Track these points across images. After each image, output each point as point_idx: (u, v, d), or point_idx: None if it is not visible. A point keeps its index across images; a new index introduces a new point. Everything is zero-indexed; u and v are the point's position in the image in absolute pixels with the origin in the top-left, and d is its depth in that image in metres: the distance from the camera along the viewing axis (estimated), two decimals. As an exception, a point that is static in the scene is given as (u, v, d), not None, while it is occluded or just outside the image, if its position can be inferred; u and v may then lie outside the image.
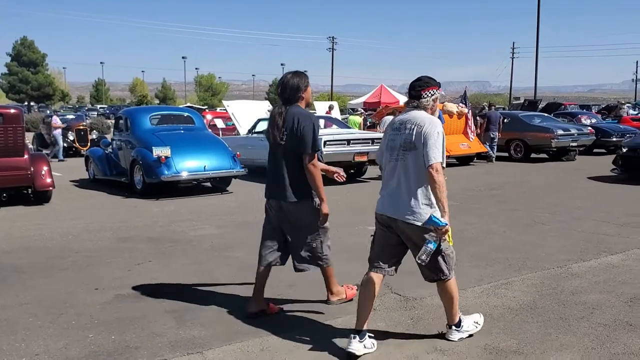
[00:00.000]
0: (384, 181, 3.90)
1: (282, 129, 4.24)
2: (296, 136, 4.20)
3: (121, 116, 12.20)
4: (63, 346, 3.85)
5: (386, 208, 3.81)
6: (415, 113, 3.77)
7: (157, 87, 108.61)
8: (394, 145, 3.79)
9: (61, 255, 6.28)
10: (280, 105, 4.35)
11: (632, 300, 4.65)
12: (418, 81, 3.81)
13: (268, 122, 4.42)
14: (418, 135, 3.64)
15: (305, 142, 4.19)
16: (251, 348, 3.80)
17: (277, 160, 4.37)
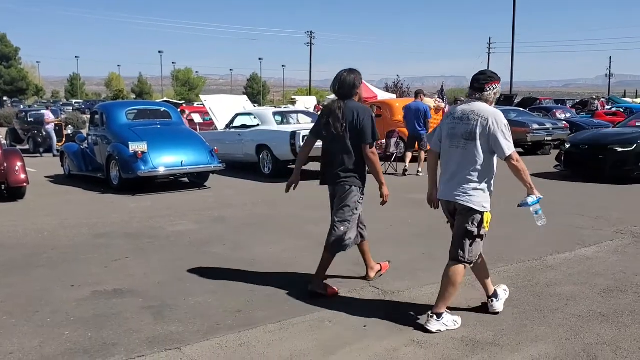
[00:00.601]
0: (442, 167, 4.18)
1: (341, 121, 4.61)
2: (356, 128, 4.59)
3: (97, 111, 12.04)
4: (38, 344, 3.80)
5: (446, 192, 4.10)
6: (479, 105, 3.99)
7: (134, 82, 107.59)
8: (454, 133, 4.03)
9: (36, 252, 6.19)
10: (338, 100, 4.71)
11: (605, 291, 4.74)
12: (482, 75, 4.06)
13: (326, 115, 4.76)
14: (482, 128, 3.88)
15: (365, 133, 4.60)
16: (230, 343, 3.79)
17: (334, 150, 4.73)
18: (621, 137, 11.36)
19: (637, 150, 10.82)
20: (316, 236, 6.83)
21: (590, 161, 11.33)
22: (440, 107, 15.98)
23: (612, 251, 6.03)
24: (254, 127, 13.18)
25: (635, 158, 10.82)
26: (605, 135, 12.01)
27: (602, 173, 10.99)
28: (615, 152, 10.96)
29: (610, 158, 10.99)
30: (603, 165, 11.05)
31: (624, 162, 10.87)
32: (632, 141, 11.05)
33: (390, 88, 43.95)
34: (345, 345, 3.75)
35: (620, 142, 11.09)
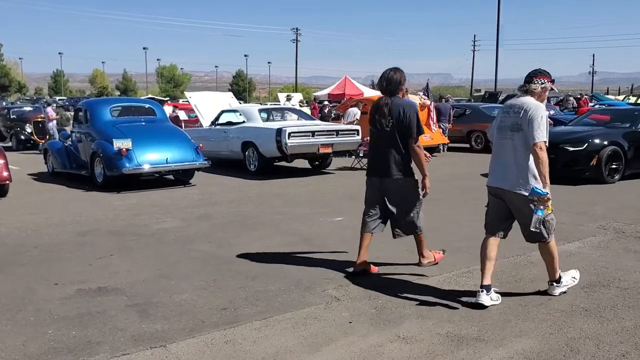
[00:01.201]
0: (493, 157, 4.56)
1: (388, 117, 4.94)
2: (402, 123, 4.92)
3: (81, 108, 11.94)
4: (21, 343, 3.77)
5: (497, 181, 4.47)
6: (524, 98, 4.37)
7: (118, 79, 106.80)
8: (503, 125, 4.41)
9: (19, 251, 6.13)
10: (384, 97, 5.04)
11: (588, 286, 4.79)
12: (534, 70, 4.46)
13: (374, 111, 5.09)
14: (524, 118, 4.24)
15: (411, 128, 4.94)
16: (215, 341, 3.79)
17: (382, 144, 5.05)
18: (572, 136, 11.01)
19: (589, 150, 10.49)
20: (302, 232, 6.84)
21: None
22: (426, 105, 16.04)
23: (594, 247, 6.10)
24: (240, 124, 13.15)
25: (587, 157, 10.46)
26: (557, 134, 11.24)
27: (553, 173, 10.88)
28: (567, 151, 10.51)
29: (562, 158, 10.45)
30: (554, 165, 10.76)
31: (575, 162, 10.50)
32: (583, 140, 10.72)
33: (376, 85, 44.07)
34: (331, 341, 3.76)
35: (571, 142, 10.71)
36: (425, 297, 4.58)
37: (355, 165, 13.32)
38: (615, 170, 10.59)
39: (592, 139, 10.68)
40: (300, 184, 11.07)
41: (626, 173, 10.76)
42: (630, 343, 3.67)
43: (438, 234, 6.72)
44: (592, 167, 10.41)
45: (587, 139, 10.69)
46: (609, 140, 10.68)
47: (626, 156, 10.69)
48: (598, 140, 10.66)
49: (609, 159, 10.48)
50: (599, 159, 10.36)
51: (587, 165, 10.43)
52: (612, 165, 10.54)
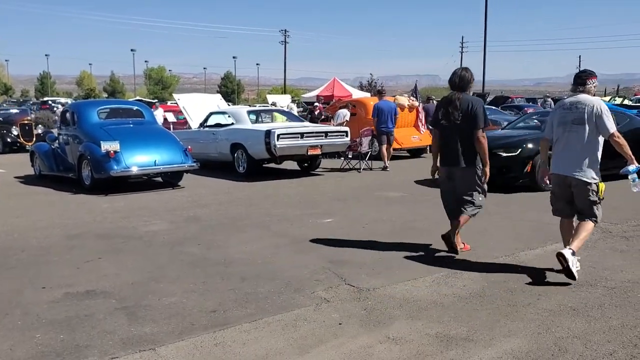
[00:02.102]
0: (556, 148, 5.21)
1: (458, 110, 5.57)
2: (470, 116, 5.55)
3: (68, 110, 11.86)
4: (8, 347, 3.74)
5: (560, 169, 5.14)
6: (583, 96, 5.04)
7: (106, 81, 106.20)
8: (565, 120, 5.08)
9: (6, 254, 6.08)
10: (456, 92, 5.66)
11: (576, 286, 4.82)
12: (583, 72, 5.16)
13: (445, 105, 5.69)
14: (589, 113, 4.92)
15: (478, 120, 5.55)
16: (205, 343, 3.78)
17: (451, 136, 5.67)
18: (506, 141, 10.17)
19: (523, 155, 9.68)
20: (291, 234, 6.84)
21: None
22: (414, 106, 16.11)
23: (582, 247, 6.13)
24: (229, 126, 13.12)
25: (521, 164, 9.67)
26: (491, 138, 10.62)
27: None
28: (500, 157, 9.62)
29: (495, 164, 8.64)
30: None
31: (509, 169, 9.70)
32: (517, 145, 9.90)
33: (364, 87, 44.13)
34: (320, 343, 3.76)
35: (505, 147, 9.87)
36: (414, 298, 4.59)
37: (344, 167, 13.34)
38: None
39: (526, 144, 9.86)
40: (289, 186, 11.06)
41: None
42: (618, 342, 3.70)
43: (426, 235, 6.75)
44: (527, 174, 9.65)
45: (520, 144, 9.91)
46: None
47: None
48: (532, 145, 9.69)
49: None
50: (533, 165, 9.53)
51: (521, 172, 9.69)
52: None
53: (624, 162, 5.06)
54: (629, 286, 4.80)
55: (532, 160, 9.55)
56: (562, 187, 5.19)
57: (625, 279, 5.00)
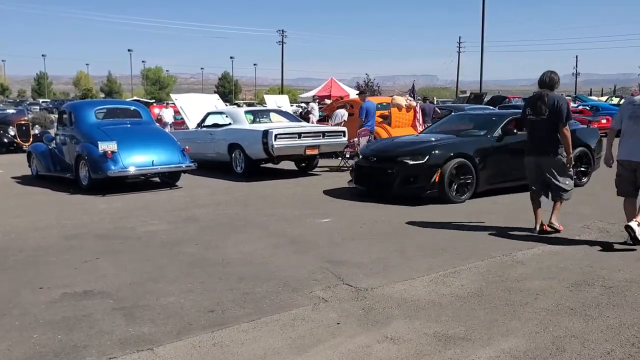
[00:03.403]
0: (625, 138, 6.13)
1: (546, 105, 6.42)
2: (556, 111, 6.40)
3: (65, 110, 11.84)
4: (6, 348, 3.73)
5: (630, 155, 6.04)
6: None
7: (103, 81, 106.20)
8: (636, 115, 6.05)
9: (4, 255, 6.06)
10: (544, 90, 6.52)
11: (573, 285, 4.84)
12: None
13: (535, 100, 6.58)
14: None
15: (562, 115, 6.42)
16: (203, 343, 3.77)
17: (538, 129, 6.56)
18: (413, 148, 9.17)
19: (430, 164, 8.65)
20: (289, 234, 6.84)
21: (381, 176, 9.16)
22: (412, 106, 16.11)
23: (579, 246, 6.16)
24: (226, 126, 13.11)
25: (428, 173, 8.65)
26: (397, 145, 9.76)
27: (392, 191, 8.98)
28: (406, 165, 8.78)
29: (400, 173, 8.82)
30: (391, 181, 8.93)
31: (415, 178, 8.75)
32: (424, 152, 8.85)
33: (361, 87, 44.13)
34: (319, 342, 3.76)
35: (411, 154, 8.92)
36: (412, 297, 4.60)
37: (342, 167, 13.34)
38: (465, 187, 8.87)
39: (435, 151, 8.87)
40: (287, 186, 11.06)
41: (479, 189, 9.00)
42: (615, 341, 3.71)
43: (424, 235, 6.76)
44: (435, 184, 8.64)
45: (428, 151, 8.86)
46: (455, 152, 8.86)
47: (477, 170, 8.92)
48: (441, 152, 8.83)
49: (455, 174, 8.75)
50: (441, 174, 8.61)
51: (427, 182, 8.65)
52: (461, 180, 8.82)
53: None
54: (626, 285, 4.81)
55: (440, 169, 8.64)
56: (627, 171, 6.12)
57: (623, 278, 5.01)
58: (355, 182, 9.80)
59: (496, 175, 9.23)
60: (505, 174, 9.28)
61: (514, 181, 9.16)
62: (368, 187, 9.52)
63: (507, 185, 9.32)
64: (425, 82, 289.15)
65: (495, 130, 9.42)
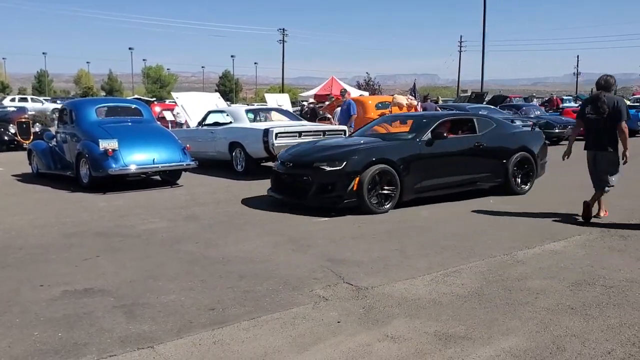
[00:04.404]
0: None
1: (605, 105, 7.05)
2: (615, 110, 7.05)
3: (66, 108, 11.84)
4: (7, 345, 3.73)
5: None
6: None
7: (103, 79, 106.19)
8: None
9: (3, 253, 6.06)
10: (602, 92, 7.20)
11: (574, 285, 4.84)
12: None
13: (594, 101, 7.24)
14: None
15: (621, 114, 7.05)
16: (203, 341, 3.77)
17: (598, 127, 7.20)
18: (330, 153, 8.29)
19: (348, 170, 7.78)
20: (289, 233, 6.84)
21: (296, 184, 8.35)
22: (413, 105, 16.12)
23: (580, 245, 6.16)
24: (227, 125, 13.11)
25: (345, 180, 7.76)
26: (315, 149, 8.76)
27: (307, 200, 8.10)
28: (322, 172, 7.91)
29: (316, 180, 7.98)
30: (307, 189, 8.07)
31: (332, 186, 7.87)
32: (342, 158, 7.96)
33: (362, 86, 44.13)
34: (319, 341, 3.76)
35: (328, 159, 8.02)
36: (413, 296, 4.60)
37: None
38: (387, 197, 8.01)
39: (353, 156, 7.98)
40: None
41: (404, 198, 8.16)
42: (616, 340, 3.71)
43: (424, 234, 6.75)
44: (353, 193, 7.76)
45: (346, 156, 7.99)
46: (377, 157, 8.01)
47: (401, 177, 8.06)
48: (361, 158, 7.96)
49: (376, 182, 7.89)
50: (360, 181, 7.75)
51: (344, 191, 7.77)
52: (384, 189, 7.96)
53: None
54: (627, 285, 4.81)
55: (359, 176, 7.75)
56: None
57: (623, 278, 5.01)
58: (272, 190, 8.86)
59: (424, 183, 8.37)
60: (436, 181, 8.53)
61: (446, 189, 8.67)
62: (283, 196, 8.59)
63: (438, 193, 8.58)
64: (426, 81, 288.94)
65: (425, 134, 8.59)
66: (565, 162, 7.50)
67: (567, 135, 20.22)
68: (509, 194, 9.16)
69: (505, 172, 9.18)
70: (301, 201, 8.17)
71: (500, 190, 9.20)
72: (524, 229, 6.93)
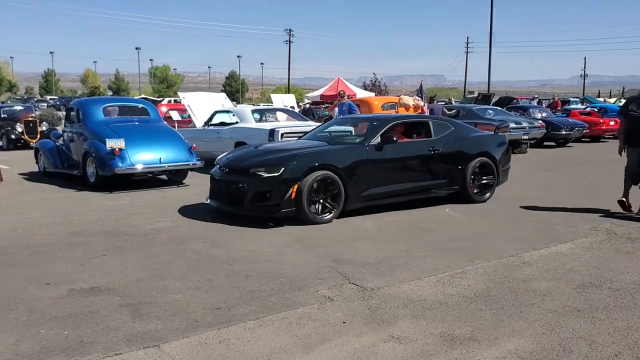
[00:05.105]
0: None
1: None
2: None
3: (72, 107, 11.88)
4: (13, 343, 3.75)
5: None
6: None
7: (110, 78, 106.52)
8: None
9: (10, 251, 6.09)
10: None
11: (580, 287, 4.82)
12: None
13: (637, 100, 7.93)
14: None
15: None
16: (209, 340, 3.78)
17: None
18: (268, 158, 7.65)
19: (285, 177, 7.18)
20: (295, 233, 6.84)
21: (232, 190, 7.65)
22: (419, 106, 16.10)
23: (586, 247, 6.13)
24: (233, 125, 13.13)
25: (283, 188, 7.16)
26: (254, 153, 8.10)
27: (242, 208, 7.49)
28: (258, 178, 7.29)
29: (251, 187, 7.33)
30: (242, 197, 7.43)
31: (269, 194, 7.22)
32: (280, 163, 7.34)
33: (368, 86, 44.10)
34: (324, 341, 3.76)
35: (265, 165, 7.41)
36: (419, 297, 4.59)
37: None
38: (330, 205, 7.44)
39: (292, 161, 7.35)
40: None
41: (350, 207, 7.57)
42: (623, 343, 3.69)
43: (430, 235, 6.74)
44: (291, 201, 7.17)
45: (284, 162, 7.37)
46: (319, 163, 7.38)
47: (346, 184, 7.44)
48: (300, 163, 7.33)
49: (318, 189, 7.34)
50: (299, 189, 7.15)
51: (281, 200, 7.16)
52: (325, 197, 7.42)
53: None
54: (634, 288, 4.79)
55: (298, 184, 7.16)
56: None
57: (631, 280, 4.99)
58: (209, 198, 8.20)
59: (372, 191, 7.78)
60: (385, 188, 7.94)
61: (397, 197, 8.10)
62: (219, 204, 7.94)
63: (388, 201, 8.02)
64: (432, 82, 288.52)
65: (373, 138, 8.00)
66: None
67: (573, 137, 20.17)
68: (467, 202, 8.59)
69: (462, 179, 8.56)
70: (237, 210, 7.58)
71: (459, 198, 8.64)
72: (528, 230, 6.91)
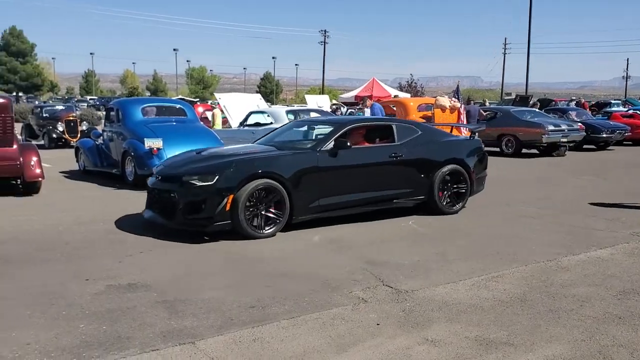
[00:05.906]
0: None
1: None
2: None
3: (112, 107, 12.13)
4: (54, 336, 3.84)
5: None
6: None
7: (148, 79, 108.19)
8: None
9: (51, 247, 6.24)
10: None
11: (621, 293, 4.70)
12: None
13: None
14: None
15: None
16: (243, 338, 3.81)
17: None
18: (202, 165, 6.91)
19: (219, 186, 6.42)
20: (328, 234, 6.83)
21: (164, 201, 6.89)
22: (456, 107, 15.93)
23: (627, 253, 5.98)
24: (268, 125, 13.21)
25: (217, 198, 6.40)
26: (190, 159, 7.30)
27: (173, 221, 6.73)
28: (191, 187, 6.54)
29: (182, 197, 6.59)
30: (174, 208, 6.68)
31: (202, 204, 6.46)
32: (214, 171, 6.58)
33: (403, 87, 43.84)
34: (358, 342, 3.75)
35: (199, 173, 6.64)
36: (454, 301, 4.54)
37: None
38: (270, 220, 6.69)
39: (228, 168, 6.60)
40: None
41: (296, 219, 6.90)
42: (665, 352, 3.59)
43: (466, 238, 6.66)
44: (225, 213, 6.41)
45: (220, 169, 6.60)
46: (260, 170, 6.65)
47: (291, 194, 6.76)
48: (238, 171, 6.58)
49: (259, 200, 6.60)
50: (234, 200, 6.42)
51: (214, 211, 6.40)
52: (267, 209, 6.65)
53: None
54: (677, 295, 4.64)
55: (233, 194, 6.41)
56: None
57: (674, 287, 4.84)
58: (146, 208, 7.37)
59: (323, 201, 7.09)
60: (339, 199, 7.23)
61: (353, 208, 7.40)
62: (151, 215, 7.12)
63: (342, 213, 7.32)
64: (469, 83, 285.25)
65: (326, 143, 7.26)
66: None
67: (614, 140, 19.70)
68: (435, 213, 7.83)
69: (429, 188, 7.79)
70: (167, 222, 6.80)
71: (426, 209, 7.93)
72: (567, 235, 6.77)
